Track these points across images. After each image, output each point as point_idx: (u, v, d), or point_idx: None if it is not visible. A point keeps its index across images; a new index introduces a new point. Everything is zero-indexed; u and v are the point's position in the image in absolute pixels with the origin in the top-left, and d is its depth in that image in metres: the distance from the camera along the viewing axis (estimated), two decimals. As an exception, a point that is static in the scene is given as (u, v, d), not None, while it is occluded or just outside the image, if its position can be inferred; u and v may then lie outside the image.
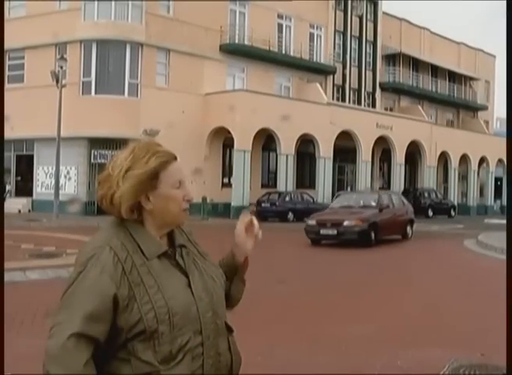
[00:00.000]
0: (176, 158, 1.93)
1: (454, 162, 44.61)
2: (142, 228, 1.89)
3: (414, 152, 41.78)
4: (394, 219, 19.63)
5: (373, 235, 17.83)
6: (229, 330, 1.99)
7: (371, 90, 43.48)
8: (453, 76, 50.08)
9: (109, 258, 1.79)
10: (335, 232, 17.66)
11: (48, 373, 1.72)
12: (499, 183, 49.77)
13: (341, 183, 39.84)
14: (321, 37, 39.65)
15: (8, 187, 31.72)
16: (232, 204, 30.85)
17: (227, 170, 33.32)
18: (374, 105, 43.01)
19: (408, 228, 20.67)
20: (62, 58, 26.43)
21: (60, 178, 27.49)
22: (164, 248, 1.90)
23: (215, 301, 1.92)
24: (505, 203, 48.52)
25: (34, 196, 31.08)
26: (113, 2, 29.29)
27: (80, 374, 1.70)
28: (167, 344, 1.79)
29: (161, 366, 1.78)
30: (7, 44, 29.03)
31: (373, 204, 19.26)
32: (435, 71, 48.45)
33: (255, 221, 2.08)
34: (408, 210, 21.32)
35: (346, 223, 17.61)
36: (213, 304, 1.90)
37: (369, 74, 43.27)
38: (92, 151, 29.14)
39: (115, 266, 1.78)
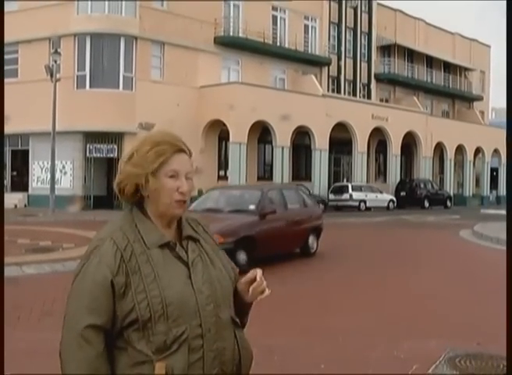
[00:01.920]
0: (180, 150, 1.94)
1: (450, 153, 44.66)
2: (147, 219, 1.92)
3: (409, 143, 41.81)
4: (286, 228, 13.12)
5: (245, 256, 11.18)
6: (237, 324, 1.97)
7: (366, 81, 43.45)
8: (448, 67, 50.08)
9: (109, 248, 1.84)
10: None
11: (63, 362, 1.80)
12: (494, 173, 49.87)
13: (337, 174, 39.90)
14: (315, 28, 39.58)
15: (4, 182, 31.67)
16: (229, 197, 30.83)
17: (223, 163, 33.31)
18: (369, 97, 42.99)
19: (311, 240, 14.03)
20: (56, 52, 26.31)
21: (56, 173, 27.42)
22: (166, 238, 1.90)
23: (218, 294, 1.91)
24: (501, 193, 48.68)
25: (30, 191, 31.03)
26: (107, -4, 29.20)
27: (92, 366, 1.77)
28: (161, 335, 1.80)
29: (154, 356, 1.80)
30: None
31: (251, 207, 12.51)
32: (431, 62, 48.43)
33: (258, 280, 1.97)
34: (313, 213, 14.71)
35: None
36: (216, 297, 1.89)
37: (364, 65, 43.24)
38: (87, 146, 29.07)
39: (114, 255, 1.82)
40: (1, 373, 3.85)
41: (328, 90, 39.34)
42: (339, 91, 40.76)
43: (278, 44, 36.79)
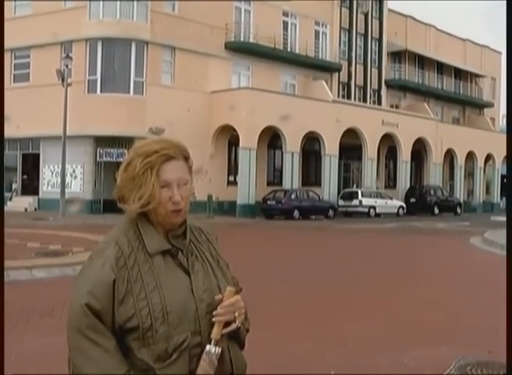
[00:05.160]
0: (170, 158, 1.89)
1: (460, 160, 44.50)
2: (150, 226, 1.92)
3: (419, 150, 41.69)
4: None
5: None
6: (230, 334, 1.91)
7: (376, 87, 43.39)
8: (459, 73, 49.93)
9: (113, 252, 1.85)
10: None
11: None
12: (505, 180, 49.63)
13: (347, 180, 39.83)
14: (326, 34, 39.59)
15: (14, 186, 31.81)
16: (238, 202, 30.86)
17: (233, 168, 33.33)
18: (379, 103, 42.93)
19: None
20: (68, 56, 26.46)
21: (66, 177, 27.52)
22: (167, 246, 1.90)
23: (219, 302, 1.89)
24: (511, 200, 48.38)
25: (40, 195, 31.14)
26: (118, 1, 29.33)
27: (84, 333, 1.79)
28: (162, 343, 1.81)
29: (155, 365, 1.80)
30: (13, 43, 29.21)
31: None
32: (441, 68, 48.31)
33: (218, 310, 1.87)
34: None
35: None
36: (216, 305, 1.88)
37: (375, 71, 43.19)
38: (98, 150, 29.16)
39: (118, 260, 1.84)
40: (1, 373, 3.85)
41: (338, 96, 39.32)
42: (349, 97, 40.72)
43: (288, 49, 36.82)
